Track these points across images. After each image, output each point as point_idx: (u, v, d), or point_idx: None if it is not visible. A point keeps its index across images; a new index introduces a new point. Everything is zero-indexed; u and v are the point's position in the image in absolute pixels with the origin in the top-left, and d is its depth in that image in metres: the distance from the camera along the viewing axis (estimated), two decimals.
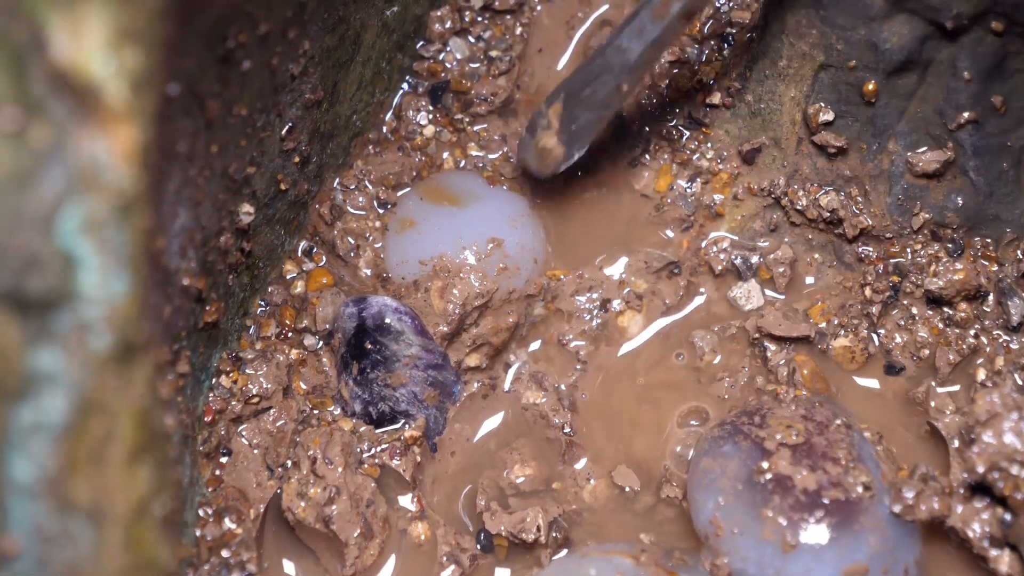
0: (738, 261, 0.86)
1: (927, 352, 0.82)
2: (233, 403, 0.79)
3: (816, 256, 0.86)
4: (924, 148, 0.81)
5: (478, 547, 0.79)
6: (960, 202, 0.81)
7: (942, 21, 0.76)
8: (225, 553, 0.75)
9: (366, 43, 0.84)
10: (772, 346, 0.83)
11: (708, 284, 0.86)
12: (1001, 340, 0.81)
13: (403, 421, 0.81)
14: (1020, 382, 0.78)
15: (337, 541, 0.77)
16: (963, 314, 0.82)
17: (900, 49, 0.78)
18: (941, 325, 0.82)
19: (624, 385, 0.84)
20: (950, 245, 0.82)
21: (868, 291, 0.83)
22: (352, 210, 0.86)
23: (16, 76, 0.50)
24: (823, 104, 0.82)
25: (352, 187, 0.87)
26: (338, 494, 0.77)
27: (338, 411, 0.82)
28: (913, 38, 0.77)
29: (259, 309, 0.83)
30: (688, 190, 0.87)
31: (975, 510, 0.72)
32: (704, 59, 0.86)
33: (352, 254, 0.85)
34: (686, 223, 0.87)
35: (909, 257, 0.83)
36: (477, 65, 0.89)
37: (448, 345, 0.82)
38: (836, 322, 0.83)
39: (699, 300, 0.86)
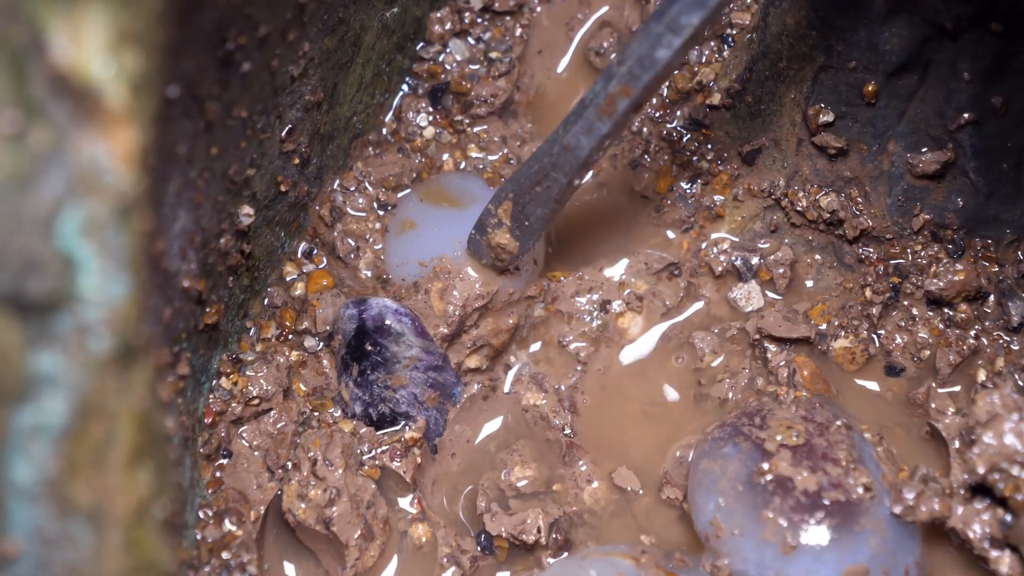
0: (738, 262, 0.86)
1: (927, 353, 0.82)
2: (233, 405, 0.79)
3: (816, 257, 0.86)
4: (924, 149, 0.81)
5: (478, 549, 0.79)
6: (960, 203, 0.81)
7: (942, 22, 0.76)
8: (225, 555, 0.75)
9: (366, 45, 0.84)
10: (772, 347, 0.83)
11: (708, 285, 0.86)
12: (1001, 341, 0.81)
13: (403, 423, 0.81)
14: (1021, 383, 0.78)
15: (338, 543, 0.77)
16: (963, 315, 0.82)
17: (900, 50, 0.78)
18: (941, 326, 0.82)
19: (625, 386, 0.84)
20: (950, 246, 0.82)
21: (868, 292, 0.83)
22: (352, 212, 0.86)
23: (16, 78, 0.50)
24: (823, 105, 0.82)
25: (352, 189, 0.87)
26: (338, 496, 0.77)
27: (338, 413, 0.82)
28: (913, 39, 0.77)
29: (259, 311, 0.83)
30: (688, 191, 0.87)
31: (976, 511, 0.72)
32: (704, 60, 0.86)
33: (352, 256, 0.85)
34: (686, 224, 0.87)
35: (909, 258, 0.83)
36: (477, 67, 0.90)
37: (448, 347, 0.82)
38: (836, 323, 0.83)
39: (699, 301, 0.86)
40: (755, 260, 0.86)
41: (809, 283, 0.86)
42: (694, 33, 0.68)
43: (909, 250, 0.83)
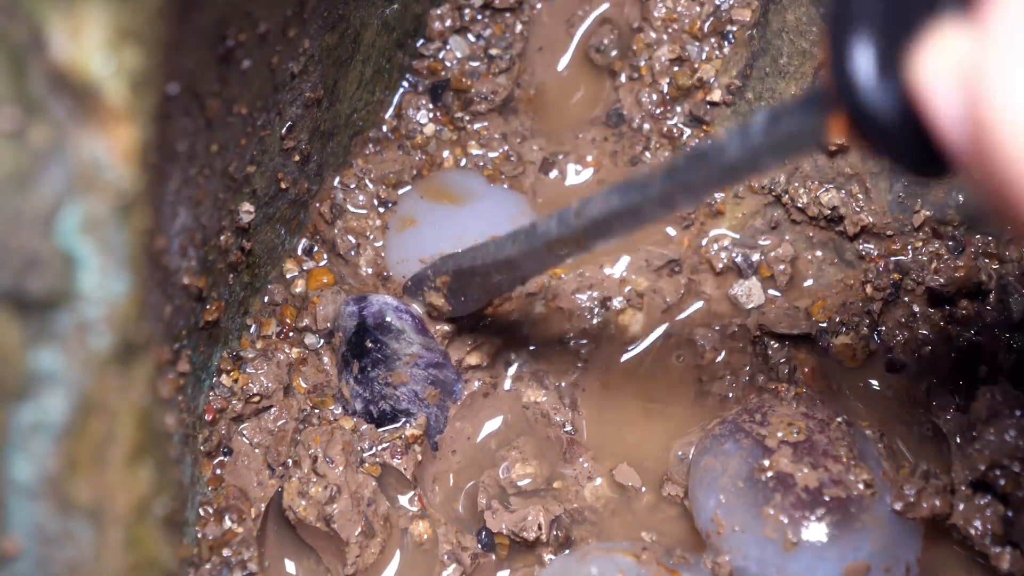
0: (739, 259, 0.86)
1: (928, 349, 0.82)
2: (234, 402, 0.79)
3: (817, 254, 0.86)
4: None
5: (479, 546, 0.79)
6: (961, 199, 0.81)
7: None
8: (226, 552, 0.75)
9: (366, 41, 0.84)
10: (773, 344, 0.83)
11: (709, 282, 0.86)
12: (1003, 338, 0.81)
13: (404, 420, 0.81)
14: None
15: (338, 540, 0.77)
16: (964, 311, 0.82)
17: None
18: (943, 322, 0.82)
19: (625, 384, 0.84)
20: (951, 242, 0.82)
21: (869, 288, 0.83)
22: (352, 209, 0.86)
23: (16, 76, 0.50)
24: None
25: (352, 186, 0.87)
26: (339, 493, 0.77)
27: (339, 410, 0.82)
28: None
29: (260, 308, 0.83)
30: None
31: (977, 508, 0.72)
32: (704, 57, 0.86)
33: (353, 253, 0.85)
34: (687, 221, 0.87)
35: (910, 255, 0.83)
36: (477, 63, 0.89)
37: (449, 344, 0.82)
38: (837, 320, 0.83)
39: (700, 298, 0.86)
40: (756, 257, 0.86)
41: (810, 280, 0.86)
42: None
43: (910, 246, 0.83)
